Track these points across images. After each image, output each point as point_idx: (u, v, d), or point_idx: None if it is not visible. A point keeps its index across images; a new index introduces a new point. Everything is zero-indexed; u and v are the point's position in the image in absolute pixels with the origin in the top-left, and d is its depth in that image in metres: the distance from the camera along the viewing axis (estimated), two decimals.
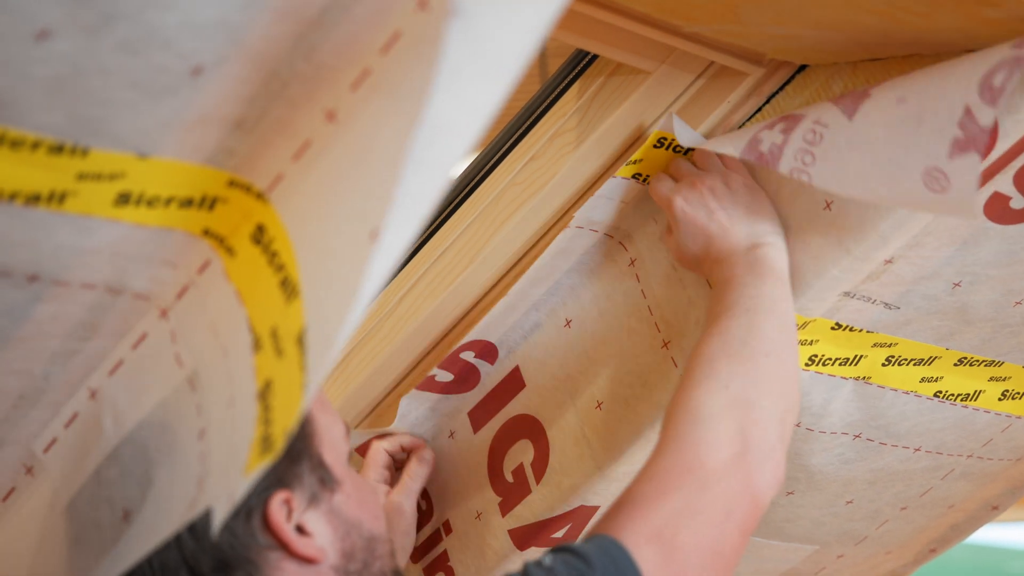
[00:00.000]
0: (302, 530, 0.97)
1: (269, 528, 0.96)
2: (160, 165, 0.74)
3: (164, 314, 0.87)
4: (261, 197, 0.78)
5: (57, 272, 0.80)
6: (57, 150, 0.70)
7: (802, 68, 1.20)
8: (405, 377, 1.50)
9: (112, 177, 0.73)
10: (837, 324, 1.26)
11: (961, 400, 1.41)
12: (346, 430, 1.07)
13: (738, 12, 1.05)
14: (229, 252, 0.81)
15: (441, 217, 1.40)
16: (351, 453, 1.09)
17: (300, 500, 0.97)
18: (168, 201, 0.78)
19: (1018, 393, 1.44)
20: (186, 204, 0.79)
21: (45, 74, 0.64)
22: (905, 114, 1.02)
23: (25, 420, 0.93)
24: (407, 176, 0.64)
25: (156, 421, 0.88)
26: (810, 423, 1.38)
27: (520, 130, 1.33)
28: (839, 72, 1.18)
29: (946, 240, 1.18)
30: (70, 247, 0.78)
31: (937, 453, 1.49)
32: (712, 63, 1.22)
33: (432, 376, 1.42)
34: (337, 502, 1.01)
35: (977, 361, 1.37)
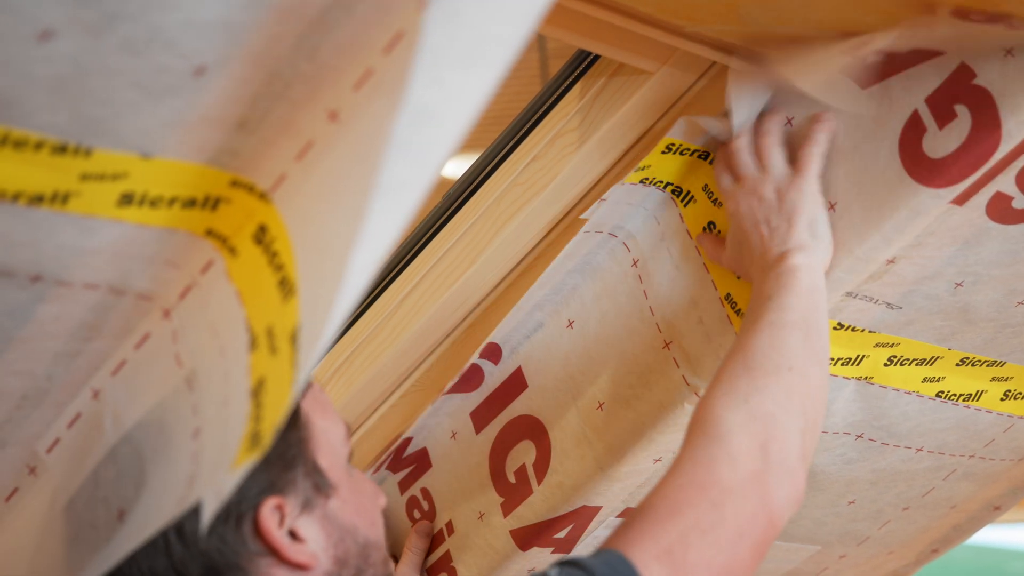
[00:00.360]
0: (295, 536, 0.96)
1: (260, 534, 0.95)
2: (163, 165, 0.74)
3: (167, 314, 0.87)
4: (264, 197, 0.78)
5: (60, 272, 0.80)
6: (60, 150, 0.70)
7: None
8: (407, 378, 1.50)
9: (115, 177, 0.73)
10: (839, 324, 1.26)
11: (963, 400, 1.41)
12: (347, 432, 1.06)
13: (740, 12, 1.05)
14: (231, 252, 0.81)
15: (443, 218, 1.39)
16: (352, 454, 1.08)
17: (293, 506, 0.97)
18: (171, 201, 0.78)
19: (1020, 393, 1.44)
20: (189, 204, 0.79)
21: (48, 74, 0.64)
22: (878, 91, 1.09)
23: (28, 421, 0.93)
24: (390, 162, 0.63)
25: (153, 421, 0.88)
26: None
27: (522, 131, 1.32)
28: None
29: (948, 240, 1.18)
30: (73, 247, 0.78)
31: (939, 453, 1.49)
32: (714, 63, 1.22)
33: None
34: (332, 507, 1.00)
35: (979, 361, 1.37)
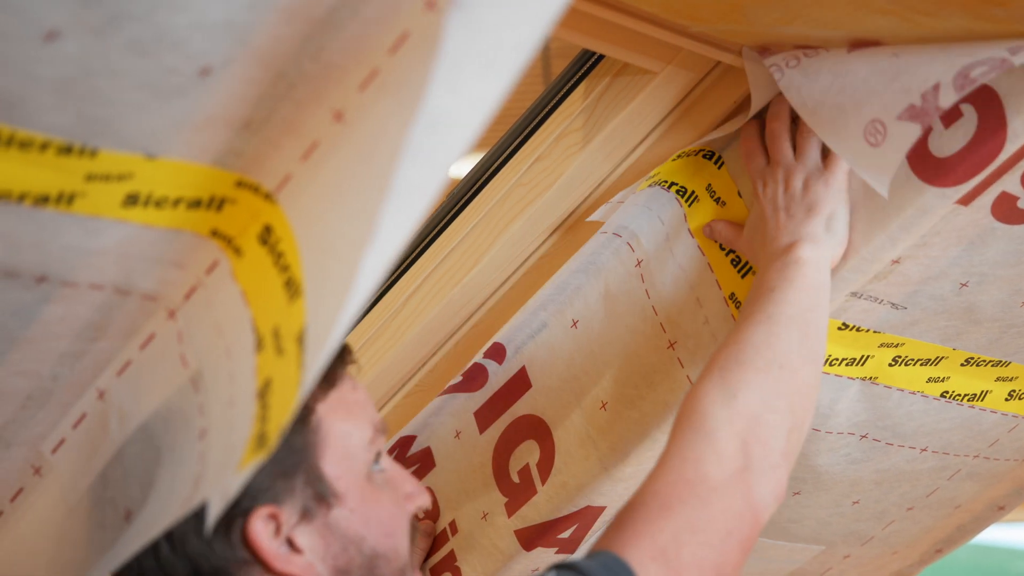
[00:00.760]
0: (292, 544, 0.94)
1: (248, 543, 0.92)
2: (168, 166, 0.74)
3: (172, 315, 0.87)
4: (269, 198, 0.78)
5: (65, 273, 0.80)
6: (66, 151, 0.70)
7: None
8: (410, 378, 1.50)
9: (121, 178, 0.73)
10: (844, 324, 1.26)
11: (968, 400, 1.41)
12: (374, 434, 1.00)
13: (745, 12, 1.05)
14: (237, 253, 0.81)
15: (447, 218, 1.39)
16: (379, 455, 1.01)
17: (290, 514, 0.93)
18: (176, 202, 0.78)
19: None
20: (194, 205, 0.79)
21: (53, 75, 0.64)
22: (891, 66, 1.03)
23: (33, 421, 0.92)
24: (404, 167, 0.63)
25: (159, 421, 0.88)
26: (817, 423, 1.38)
27: (526, 131, 1.32)
28: None
29: (953, 240, 1.18)
30: (78, 248, 0.78)
31: (944, 453, 1.49)
32: (719, 63, 1.22)
33: None
34: (335, 517, 0.96)
35: (984, 361, 1.37)
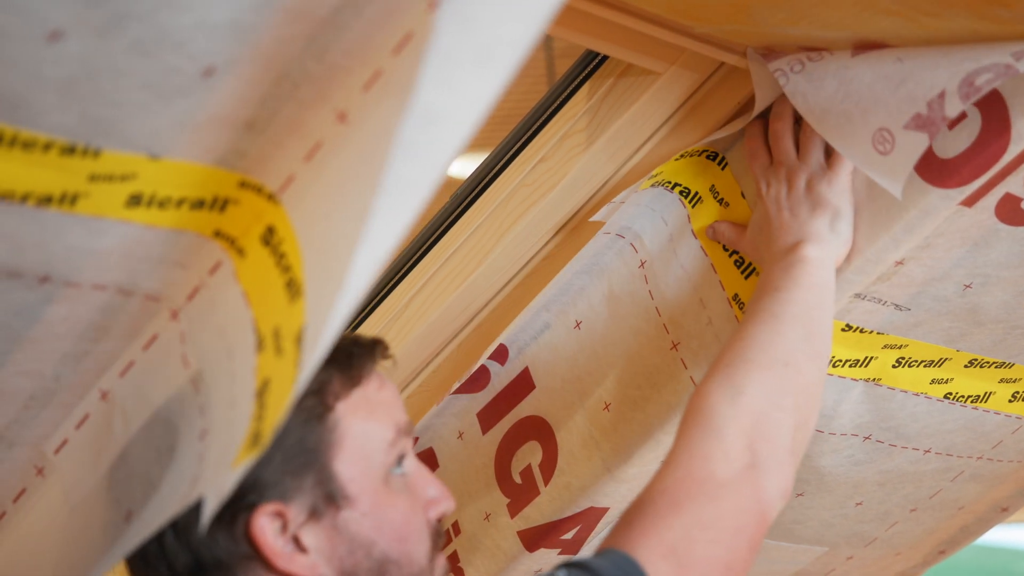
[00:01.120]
0: (298, 543, 0.92)
1: (251, 538, 0.91)
2: (172, 166, 0.74)
3: (175, 315, 0.87)
4: (272, 198, 0.78)
5: (68, 273, 0.80)
6: (69, 151, 0.69)
7: None
8: (414, 379, 1.50)
9: (124, 178, 0.73)
10: (848, 326, 1.26)
11: (971, 402, 1.41)
12: (396, 435, 0.98)
13: (750, 12, 1.05)
14: (240, 253, 0.81)
15: (450, 219, 1.39)
16: (403, 457, 0.99)
17: (297, 512, 0.92)
18: (179, 202, 0.78)
19: None
20: (197, 205, 0.79)
21: (57, 75, 0.64)
22: (896, 71, 1.03)
23: (36, 421, 0.92)
24: (396, 163, 0.63)
25: (160, 422, 0.88)
26: (820, 425, 1.37)
27: (529, 131, 1.32)
28: None
29: (957, 241, 1.18)
30: (81, 248, 0.77)
31: (947, 455, 1.49)
32: (723, 64, 1.22)
33: None
34: (344, 519, 0.94)
35: (988, 363, 1.37)
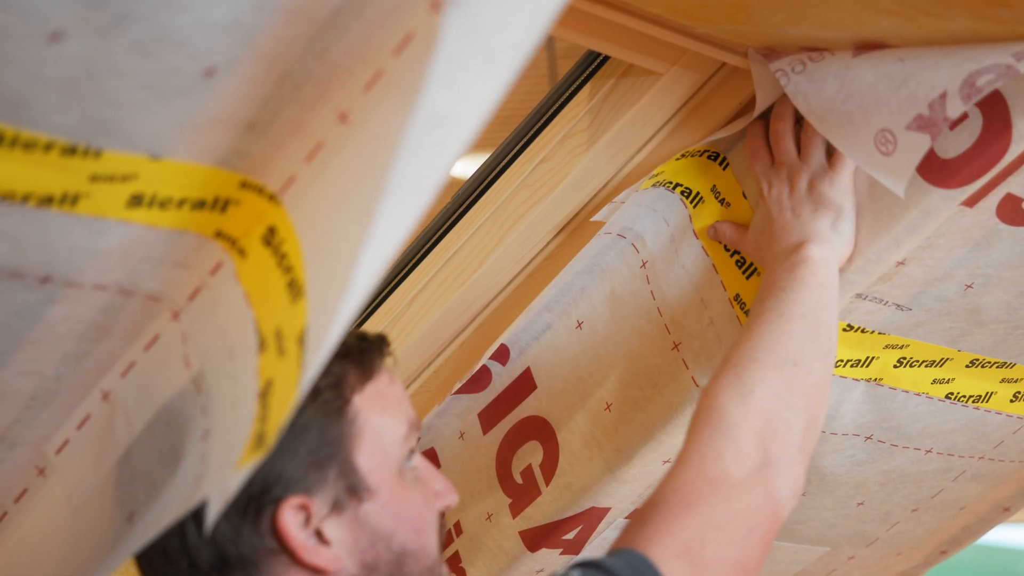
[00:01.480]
0: (321, 536, 0.93)
1: (277, 532, 0.92)
2: (173, 167, 0.74)
3: (176, 316, 0.87)
4: (273, 199, 0.78)
5: (69, 274, 0.80)
6: (70, 151, 0.69)
7: None
8: (415, 379, 1.50)
9: (125, 179, 0.73)
10: (849, 326, 1.26)
11: (973, 402, 1.41)
12: (408, 430, 1.00)
13: (751, 13, 1.05)
14: (241, 254, 0.81)
15: (452, 219, 1.39)
16: (413, 452, 1.01)
17: (320, 505, 0.93)
18: (181, 203, 0.78)
19: None
20: (199, 206, 0.79)
21: (58, 75, 0.64)
22: (897, 72, 1.03)
23: (37, 421, 0.92)
24: (402, 165, 0.63)
25: (162, 423, 0.88)
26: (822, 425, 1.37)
27: (531, 132, 1.32)
28: None
29: (958, 242, 1.18)
30: (82, 249, 0.77)
31: (948, 455, 1.49)
32: (724, 64, 1.22)
33: None
34: (365, 511, 0.95)
35: (989, 363, 1.37)
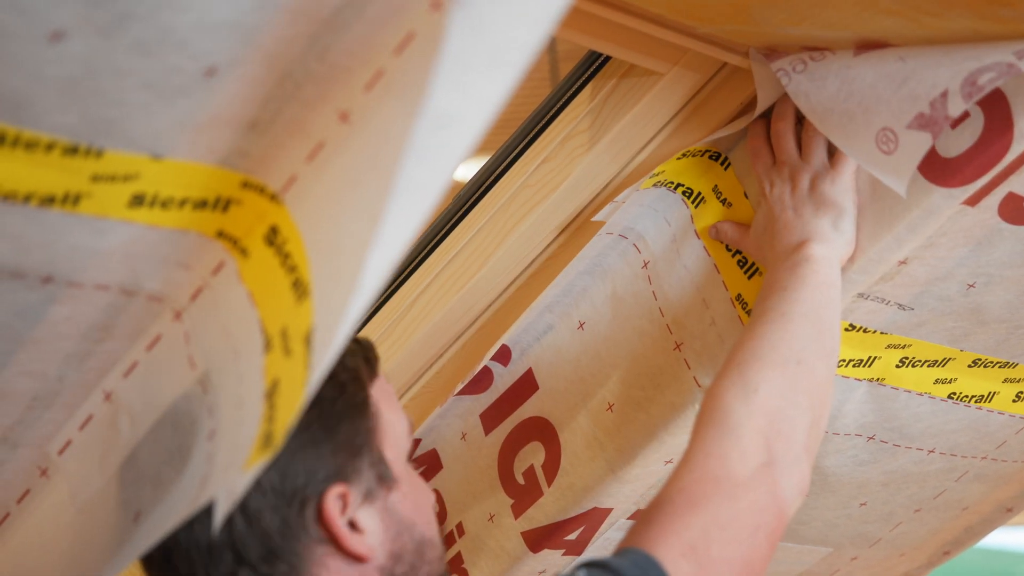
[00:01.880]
0: (355, 526, 0.94)
1: (322, 521, 0.93)
2: (174, 166, 0.74)
3: (178, 316, 0.87)
4: (275, 199, 0.78)
5: (71, 274, 0.80)
6: (71, 151, 0.70)
7: None
8: (417, 380, 1.50)
9: (126, 178, 0.73)
10: (851, 325, 1.26)
11: (975, 401, 1.41)
12: (409, 427, 1.04)
13: (752, 13, 1.05)
14: (243, 254, 0.81)
15: (453, 220, 1.39)
16: (411, 452, 1.05)
17: (356, 495, 0.95)
18: (182, 202, 0.78)
19: None
20: (200, 205, 0.79)
21: (59, 75, 0.64)
22: (898, 70, 1.04)
23: (39, 422, 0.92)
24: (408, 166, 0.63)
25: (168, 423, 0.88)
26: None
27: (532, 132, 1.32)
28: None
29: (960, 241, 1.18)
30: (84, 248, 0.78)
31: (951, 455, 1.49)
32: (725, 64, 1.22)
33: None
34: (392, 500, 0.97)
35: (991, 362, 1.37)
